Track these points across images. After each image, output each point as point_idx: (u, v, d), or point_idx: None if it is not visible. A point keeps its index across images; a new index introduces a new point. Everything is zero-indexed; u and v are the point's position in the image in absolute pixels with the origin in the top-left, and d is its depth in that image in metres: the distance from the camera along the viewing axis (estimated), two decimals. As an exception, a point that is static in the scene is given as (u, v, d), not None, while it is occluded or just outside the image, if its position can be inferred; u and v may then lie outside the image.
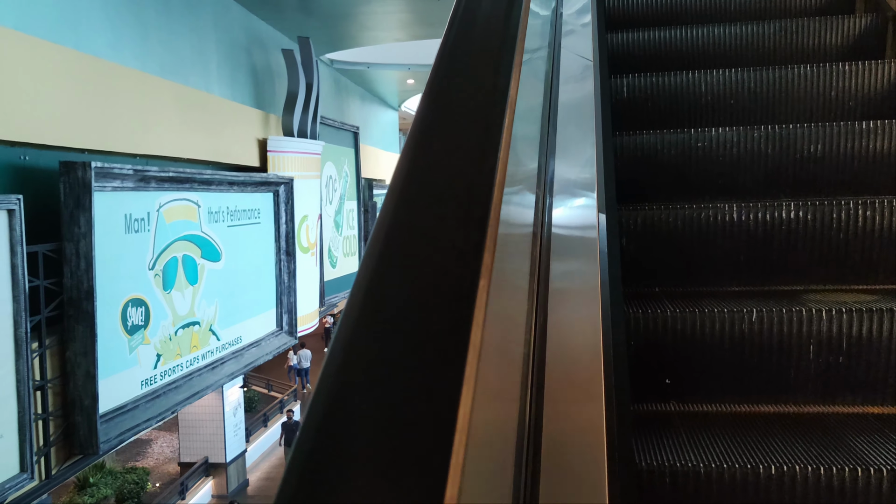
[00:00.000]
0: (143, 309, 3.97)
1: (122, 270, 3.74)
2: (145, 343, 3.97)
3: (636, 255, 1.32)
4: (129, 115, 4.15)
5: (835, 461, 0.92)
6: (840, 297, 1.21)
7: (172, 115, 4.58)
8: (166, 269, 4.22)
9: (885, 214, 1.23)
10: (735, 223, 1.28)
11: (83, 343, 3.30)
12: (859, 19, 1.78)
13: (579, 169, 1.26)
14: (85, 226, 3.24)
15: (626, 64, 1.84)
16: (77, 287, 3.28)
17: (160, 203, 4.14)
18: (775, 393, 1.10)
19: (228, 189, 4.90)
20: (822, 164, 1.40)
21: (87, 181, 3.21)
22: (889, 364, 1.06)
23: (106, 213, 3.51)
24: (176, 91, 4.63)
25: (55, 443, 3.28)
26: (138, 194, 3.90)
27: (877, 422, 1.04)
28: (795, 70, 1.60)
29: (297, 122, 5.90)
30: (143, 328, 3.96)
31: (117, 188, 3.64)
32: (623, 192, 1.45)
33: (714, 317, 1.12)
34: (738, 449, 0.98)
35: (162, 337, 4.15)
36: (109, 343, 3.57)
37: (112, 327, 3.64)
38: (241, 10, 5.67)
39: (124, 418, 3.69)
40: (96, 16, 3.87)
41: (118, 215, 3.72)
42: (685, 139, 1.47)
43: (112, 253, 3.60)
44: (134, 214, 3.88)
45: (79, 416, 3.34)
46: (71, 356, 3.32)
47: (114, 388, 3.62)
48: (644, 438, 1.03)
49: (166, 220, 4.23)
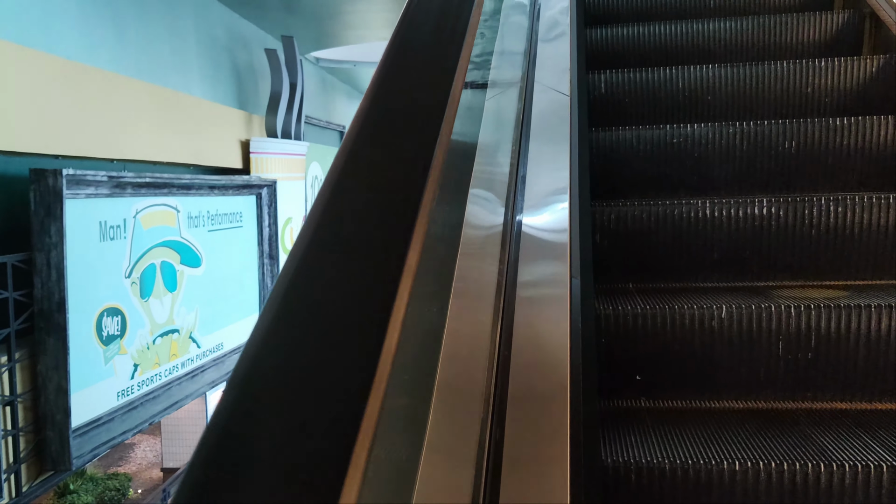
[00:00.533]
0: (118, 318, 3.97)
1: (97, 279, 3.75)
2: (121, 353, 3.97)
3: (610, 251, 1.36)
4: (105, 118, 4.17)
5: (800, 457, 0.95)
6: (811, 293, 1.24)
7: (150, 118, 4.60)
8: (144, 276, 4.23)
9: (857, 210, 1.27)
10: (708, 219, 1.32)
11: (54, 356, 3.30)
12: (837, 16, 1.83)
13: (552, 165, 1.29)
14: (56, 235, 3.25)
15: (605, 60, 1.89)
16: (48, 298, 3.28)
17: (137, 209, 4.16)
18: (745, 389, 1.13)
19: (209, 193, 4.92)
20: (796, 161, 1.44)
21: (59, 189, 3.22)
22: (857, 359, 1.10)
23: (79, 220, 3.52)
24: (154, 93, 4.65)
25: (26, 459, 3.27)
26: (114, 201, 3.92)
27: (845, 417, 1.07)
28: (772, 66, 1.65)
29: (280, 123, 5.93)
30: (119, 338, 3.96)
31: (91, 195, 3.65)
32: (598, 188, 1.49)
33: (684, 313, 1.15)
34: (706, 445, 1.01)
35: (139, 346, 4.15)
36: (83, 354, 3.58)
37: (86, 338, 3.65)
38: (222, 8, 5.71)
39: (99, 431, 3.68)
40: (69, 17, 3.90)
41: (92, 223, 3.73)
42: (661, 135, 1.51)
43: (86, 262, 3.61)
44: (109, 221, 3.89)
45: (50, 431, 3.34)
46: (42, 370, 3.32)
47: (88, 400, 3.61)
48: (612, 435, 1.06)
49: (143, 226, 4.25)
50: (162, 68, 4.82)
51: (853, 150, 1.43)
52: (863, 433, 1.01)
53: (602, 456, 0.99)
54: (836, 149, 1.43)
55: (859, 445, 0.97)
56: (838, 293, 1.22)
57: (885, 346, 1.09)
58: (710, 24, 1.87)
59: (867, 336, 1.10)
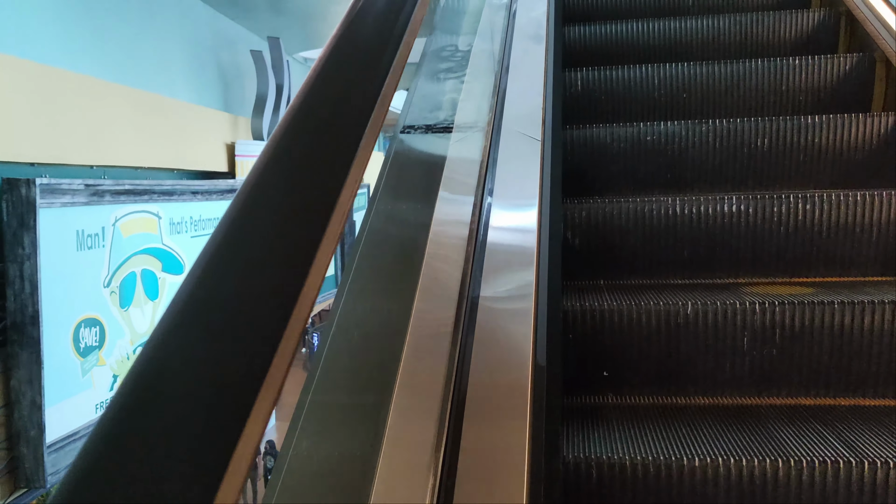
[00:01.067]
0: (97, 329, 4.01)
1: (74, 290, 3.78)
2: (100, 364, 4.00)
3: (581, 248, 1.41)
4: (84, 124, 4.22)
5: (758, 453, 0.99)
6: (779, 289, 1.29)
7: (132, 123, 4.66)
8: (123, 285, 4.27)
9: (825, 208, 1.32)
10: (678, 216, 1.37)
11: (28, 370, 3.33)
12: (814, 14, 1.90)
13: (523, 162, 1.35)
14: (29, 247, 3.28)
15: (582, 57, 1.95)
16: (21, 311, 3.31)
17: (116, 216, 4.20)
18: (711, 385, 1.17)
19: (192, 198, 4.98)
20: (769, 158, 1.49)
21: (32, 199, 3.26)
22: (821, 355, 1.15)
23: (55, 230, 3.56)
24: (136, 97, 4.71)
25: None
26: (92, 209, 3.96)
27: (808, 413, 1.11)
28: (748, 65, 1.71)
29: (267, 125, 6.00)
30: (98, 349, 3.99)
31: (67, 204, 3.69)
32: (572, 185, 1.54)
33: (650, 309, 1.20)
34: (667, 441, 1.05)
35: (119, 357, 4.18)
36: (60, 367, 3.61)
37: (63, 350, 3.68)
38: (207, 9, 5.80)
39: (76, 446, 3.70)
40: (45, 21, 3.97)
41: (69, 232, 3.77)
42: (635, 133, 1.57)
43: (62, 272, 3.64)
44: (87, 230, 3.93)
45: (24, 447, 3.36)
46: (15, 385, 3.35)
47: (65, 414, 3.64)
48: (576, 431, 1.10)
49: (123, 234, 4.29)
50: (144, 71, 4.89)
51: (826, 147, 1.49)
52: (823, 428, 1.05)
53: (564, 452, 1.03)
54: (808, 146, 1.49)
55: (818, 440, 1.02)
56: (805, 290, 1.27)
57: (849, 343, 1.14)
58: (688, 22, 1.94)
59: (831, 332, 1.14)
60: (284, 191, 0.50)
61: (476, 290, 1.06)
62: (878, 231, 1.32)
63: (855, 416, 1.09)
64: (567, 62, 1.84)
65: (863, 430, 1.04)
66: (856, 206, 1.31)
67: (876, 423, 1.06)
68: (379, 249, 1.15)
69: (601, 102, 1.77)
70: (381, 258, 1.17)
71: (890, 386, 1.12)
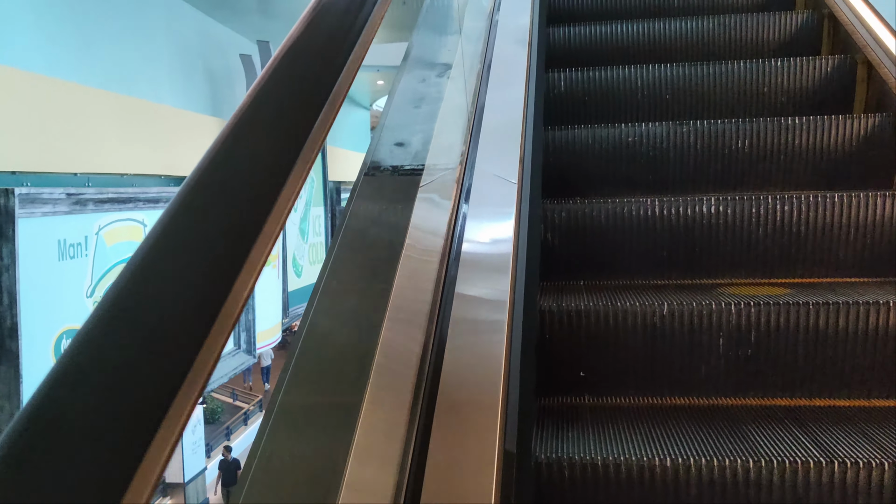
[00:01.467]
0: (79, 340, 4.03)
1: (56, 301, 3.81)
2: (82, 377, 4.01)
3: (560, 249, 1.45)
4: (67, 131, 4.27)
5: (730, 453, 1.02)
6: (757, 290, 1.33)
7: (117, 129, 4.72)
8: (107, 295, 4.29)
9: (803, 209, 1.36)
10: (657, 217, 1.41)
11: (6, 384, 3.35)
12: (797, 16, 1.95)
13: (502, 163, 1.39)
14: (8, 257, 3.30)
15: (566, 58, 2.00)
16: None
17: (100, 225, 4.24)
18: (687, 386, 1.21)
19: (178, 207, 5.01)
20: (750, 159, 1.54)
21: (11, 209, 3.29)
22: (797, 356, 1.18)
23: (35, 240, 3.58)
24: (121, 103, 4.77)
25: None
26: (74, 217, 3.99)
27: (782, 414, 1.15)
28: (730, 66, 1.76)
29: (255, 132, 6.05)
30: (80, 361, 4.01)
31: (48, 213, 3.72)
32: (553, 186, 1.58)
33: (626, 310, 1.23)
34: (641, 441, 1.08)
35: (101, 370, 4.19)
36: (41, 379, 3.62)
37: (44, 363, 3.69)
38: (195, 13, 5.87)
39: (56, 462, 3.71)
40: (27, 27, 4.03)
41: (50, 241, 3.79)
42: (616, 133, 1.61)
43: (43, 283, 3.66)
44: (69, 240, 3.96)
45: (2, 463, 3.36)
46: (-7, 399, 3.37)
47: (45, 428, 3.65)
48: (551, 432, 1.13)
49: (107, 242, 4.33)
50: (130, 77, 4.95)
51: (807, 148, 1.53)
52: (796, 429, 1.09)
53: (537, 452, 1.07)
54: (788, 148, 1.53)
55: (790, 441, 1.05)
56: (783, 290, 1.31)
57: (824, 343, 1.17)
58: (672, 23, 1.99)
59: (806, 333, 1.18)
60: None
61: (451, 287, 1.09)
62: (856, 232, 1.36)
63: (829, 416, 1.12)
64: (550, 63, 1.90)
65: (836, 430, 1.07)
66: (834, 208, 1.36)
67: (849, 424, 1.09)
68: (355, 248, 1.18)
69: (584, 104, 1.82)
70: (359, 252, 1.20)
71: (864, 387, 1.16)
